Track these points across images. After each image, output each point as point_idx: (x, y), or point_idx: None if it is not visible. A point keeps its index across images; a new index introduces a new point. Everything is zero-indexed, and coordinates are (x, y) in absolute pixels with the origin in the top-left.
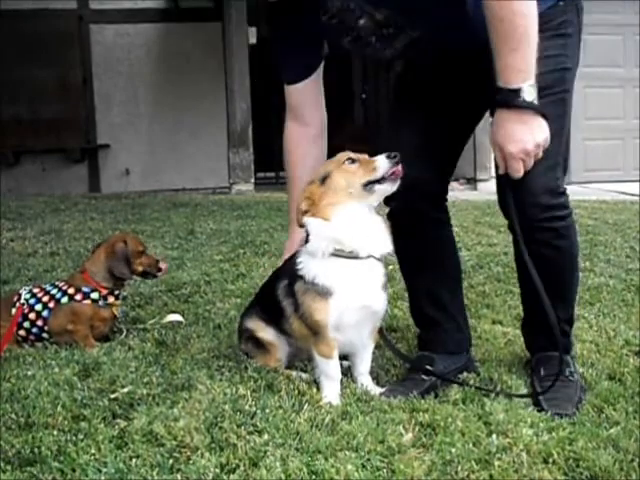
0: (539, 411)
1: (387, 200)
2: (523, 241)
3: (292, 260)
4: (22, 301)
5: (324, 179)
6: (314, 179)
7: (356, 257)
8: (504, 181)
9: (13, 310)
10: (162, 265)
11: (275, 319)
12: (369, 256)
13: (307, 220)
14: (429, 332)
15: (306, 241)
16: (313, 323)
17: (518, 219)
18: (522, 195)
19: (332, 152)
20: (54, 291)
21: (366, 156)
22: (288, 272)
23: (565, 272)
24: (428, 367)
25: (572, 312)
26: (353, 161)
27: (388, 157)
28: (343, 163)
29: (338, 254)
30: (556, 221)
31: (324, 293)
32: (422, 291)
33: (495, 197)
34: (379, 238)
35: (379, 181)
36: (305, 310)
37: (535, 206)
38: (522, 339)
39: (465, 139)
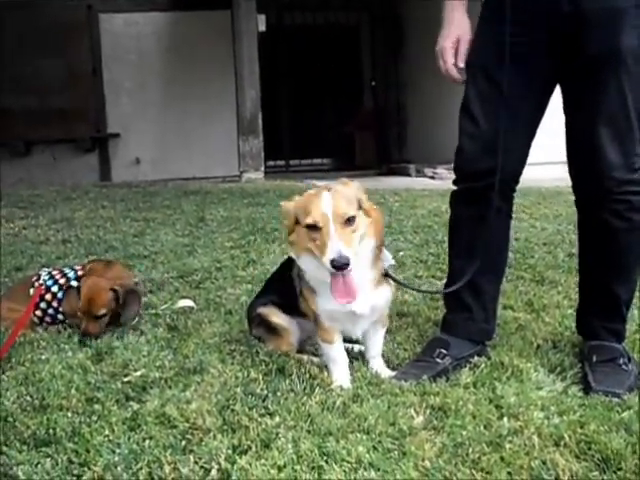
0: (587, 392)
1: (456, 181)
2: (596, 212)
3: None
4: (40, 281)
5: (297, 222)
6: (290, 211)
7: None
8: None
9: (31, 291)
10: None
11: (290, 301)
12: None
13: (288, 244)
14: (457, 316)
15: None
16: (309, 310)
17: (593, 191)
18: (599, 168)
19: (343, 139)
20: (71, 274)
21: (330, 229)
22: None
23: (633, 249)
24: (442, 351)
25: (632, 295)
26: (316, 229)
27: (331, 264)
28: (307, 227)
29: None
30: (630, 195)
31: (310, 289)
32: (463, 275)
33: None
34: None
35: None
36: (303, 296)
37: (610, 179)
38: (533, 324)
39: (538, 123)
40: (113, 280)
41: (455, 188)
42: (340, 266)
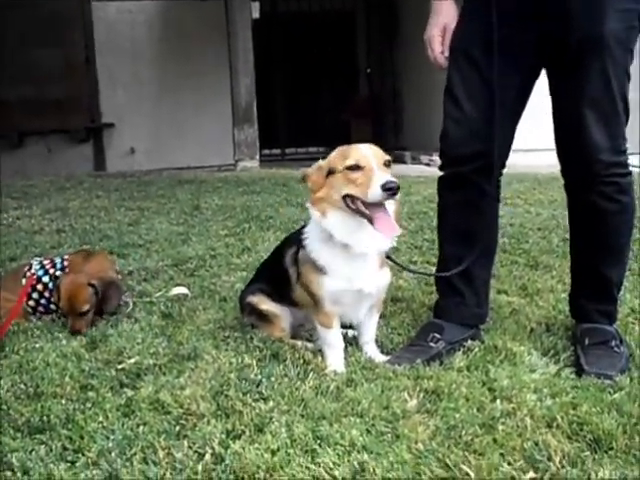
0: (579, 375)
1: (442, 166)
2: (584, 195)
3: (301, 229)
4: (32, 271)
5: (329, 173)
6: (322, 165)
7: (349, 248)
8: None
9: (24, 281)
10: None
11: (279, 289)
12: (361, 252)
13: (309, 207)
14: (449, 301)
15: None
16: (311, 294)
17: (581, 174)
18: (585, 151)
19: (339, 127)
20: (60, 264)
21: (373, 166)
22: (296, 240)
23: (623, 230)
24: (436, 335)
25: (623, 277)
26: (358, 168)
27: (384, 188)
28: (347, 168)
29: (334, 241)
30: (617, 177)
31: (318, 269)
32: (454, 259)
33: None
34: (377, 236)
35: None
36: (304, 280)
37: (598, 162)
38: (527, 308)
39: (523, 107)
40: (91, 274)
41: (442, 174)
42: (392, 188)
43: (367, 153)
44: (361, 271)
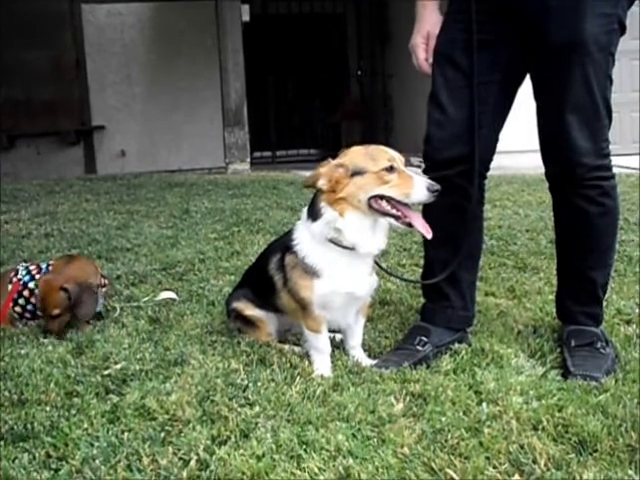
0: (565, 377)
1: (426, 170)
2: (569, 198)
3: (287, 235)
4: (19, 276)
5: (356, 173)
6: (345, 164)
7: (352, 250)
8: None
9: (9, 287)
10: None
11: (264, 296)
12: (366, 252)
13: (324, 207)
14: (436, 304)
15: (310, 214)
16: (299, 299)
17: (564, 178)
18: (569, 154)
19: (329, 129)
20: (45, 269)
21: (404, 168)
22: (282, 246)
23: (607, 233)
24: (423, 338)
25: (608, 279)
26: (392, 169)
27: (430, 190)
28: (383, 170)
29: (335, 242)
30: (601, 180)
31: (311, 273)
32: (439, 263)
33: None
34: (379, 235)
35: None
36: (292, 285)
37: (581, 166)
38: (514, 310)
39: (508, 111)
40: (67, 277)
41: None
42: (438, 190)
43: (395, 155)
44: (356, 273)
